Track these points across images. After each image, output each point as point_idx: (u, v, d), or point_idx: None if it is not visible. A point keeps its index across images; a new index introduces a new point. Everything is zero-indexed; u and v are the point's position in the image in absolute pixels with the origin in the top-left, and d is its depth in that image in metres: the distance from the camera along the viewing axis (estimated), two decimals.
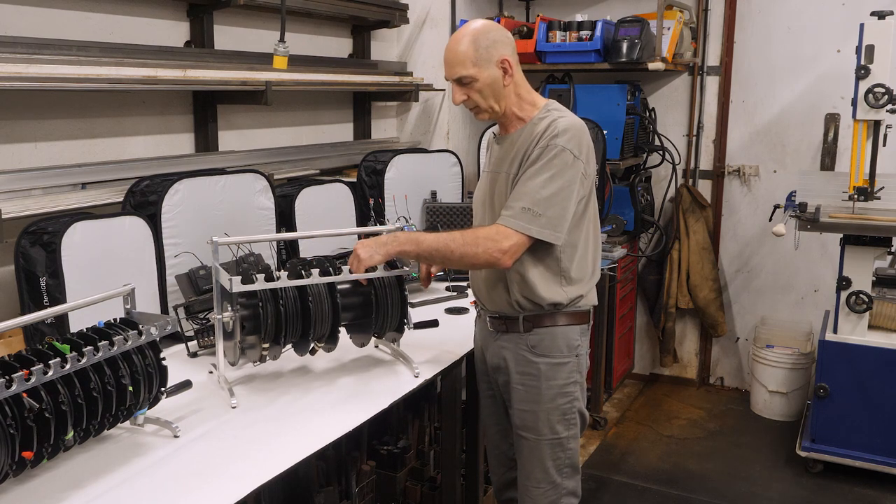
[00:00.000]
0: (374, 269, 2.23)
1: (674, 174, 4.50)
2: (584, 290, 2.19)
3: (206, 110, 3.17)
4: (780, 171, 4.49)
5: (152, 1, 2.95)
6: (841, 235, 3.58)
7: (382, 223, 3.35)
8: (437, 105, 4.34)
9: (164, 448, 1.82)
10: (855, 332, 3.57)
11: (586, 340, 2.25)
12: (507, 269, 2.12)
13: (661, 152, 4.53)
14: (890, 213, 3.47)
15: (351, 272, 2.18)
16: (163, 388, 1.90)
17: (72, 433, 1.63)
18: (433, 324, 2.68)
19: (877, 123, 3.49)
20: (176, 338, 2.42)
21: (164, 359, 1.89)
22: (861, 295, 3.51)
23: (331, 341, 2.26)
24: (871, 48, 3.41)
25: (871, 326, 3.61)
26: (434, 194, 3.66)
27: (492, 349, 2.29)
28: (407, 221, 3.39)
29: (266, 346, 2.14)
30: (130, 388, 1.76)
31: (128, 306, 1.92)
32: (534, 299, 2.14)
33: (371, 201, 3.44)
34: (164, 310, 2.53)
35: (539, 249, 2.10)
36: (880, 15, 3.40)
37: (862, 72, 3.42)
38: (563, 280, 2.15)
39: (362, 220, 3.39)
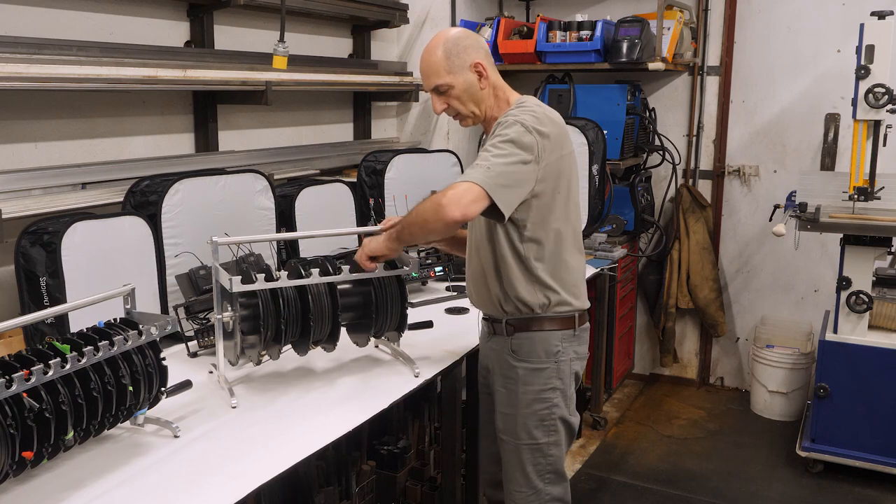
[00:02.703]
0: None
1: (674, 174, 4.50)
2: (563, 293, 2.16)
3: (206, 110, 3.17)
4: (780, 171, 4.49)
5: (152, 1, 2.95)
6: (841, 235, 3.58)
7: None
8: None
9: (164, 448, 1.82)
10: (855, 332, 3.57)
11: (571, 346, 2.19)
12: (486, 270, 2.14)
13: (661, 152, 4.53)
14: (890, 213, 3.47)
15: (353, 269, 2.19)
16: (163, 388, 1.90)
17: (72, 433, 1.63)
18: (427, 325, 2.68)
19: (877, 123, 3.49)
20: (176, 338, 2.42)
21: (164, 359, 1.89)
22: (861, 295, 3.51)
23: (331, 341, 2.26)
24: (871, 48, 3.41)
25: (871, 326, 3.61)
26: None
27: (484, 350, 2.33)
28: None
29: (266, 346, 2.14)
30: (130, 388, 1.76)
31: (128, 306, 1.92)
32: (509, 299, 2.15)
33: (371, 201, 3.44)
34: (164, 310, 2.53)
35: (512, 249, 2.10)
36: (880, 15, 3.40)
37: (862, 72, 3.42)
38: (536, 279, 2.13)
39: (362, 220, 3.39)
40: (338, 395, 2.15)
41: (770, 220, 4.13)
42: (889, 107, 3.40)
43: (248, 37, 3.39)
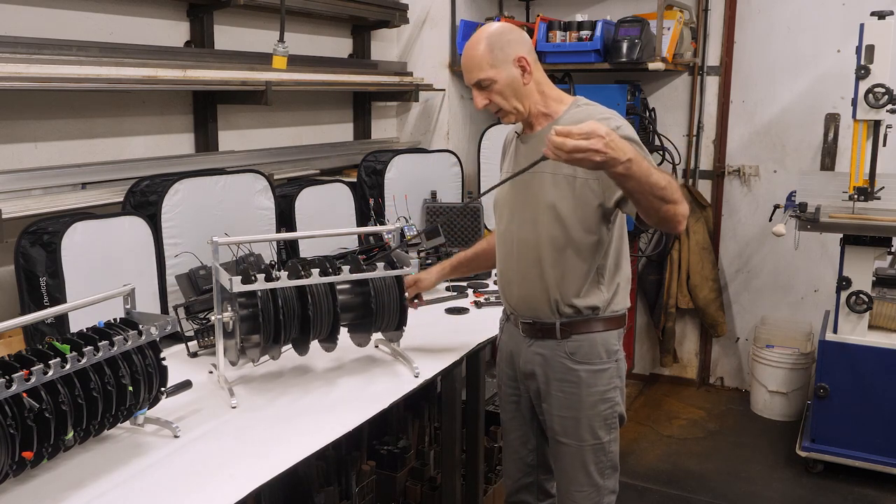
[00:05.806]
0: (374, 267, 2.24)
1: (674, 174, 4.50)
2: (620, 291, 2.15)
3: (206, 110, 3.17)
4: (780, 171, 4.49)
5: (152, 1, 2.95)
6: (841, 235, 3.58)
7: (382, 223, 3.36)
8: (437, 105, 4.33)
9: (164, 448, 1.82)
10: (855, 332, 3.57)
11: (621, 344, 2.20)
12: (545, 271, 2.10)
13: (661, 152, 4.53)
14: (890, 213, 3.48)
15: (353, 269, 2.18)
16: (163, 388, 1.90)
17: (72, 433, 1.63)
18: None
19: (877, 123, 3.49)
20: (176, 338, 2.42)
21: (164, 359, 1.89)
22: (861, 295, 3.51)
23: (330, 341, 2.26)
24: (871, 48, 3.41)
25: (871, 326, 3.61)
26: (434, 194, 3.66)
27: (524, 355, 2.23)
28: (407, 221, 3.39)
29: (266, 346, 2.14)
30: (130, 388, 1.76)
31: (128, 306, 1.92)
32: (572, 302, 2.10)
33: (371, 201, 3.44)
34: (164, 310, 2.53)
35: (583, 248, 2.07)
36: (880, 15, 3.41)
37: (862, 72, 3.42)
38: (600, 279, 2.11)
39: (362, 220, 3.39)
40: (338, 395, 2.15)
41: (770, 220, 4.13)
42: (889, 107, 3.40)
43: (248, 37, 3.38)
